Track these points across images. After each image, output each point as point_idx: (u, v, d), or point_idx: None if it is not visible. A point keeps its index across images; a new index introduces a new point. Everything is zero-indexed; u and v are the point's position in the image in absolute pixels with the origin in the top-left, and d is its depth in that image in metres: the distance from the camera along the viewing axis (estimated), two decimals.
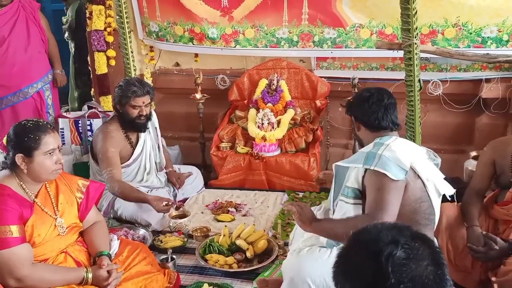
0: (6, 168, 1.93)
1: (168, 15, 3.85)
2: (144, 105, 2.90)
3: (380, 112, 1.98)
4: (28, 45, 3.61)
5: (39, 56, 3.69)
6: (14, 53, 3.56)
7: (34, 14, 3.66)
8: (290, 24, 3.69)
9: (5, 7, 3.52)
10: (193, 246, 2.65)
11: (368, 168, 1.84)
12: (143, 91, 2.87)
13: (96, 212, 2.20)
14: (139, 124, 2.94)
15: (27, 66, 3.61)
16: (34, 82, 3.66)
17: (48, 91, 3.76)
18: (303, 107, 3.86)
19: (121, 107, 2.91)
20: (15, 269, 1.77)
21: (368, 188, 1.86)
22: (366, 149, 1.95)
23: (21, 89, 3.63)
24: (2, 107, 3.62)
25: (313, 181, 2.92)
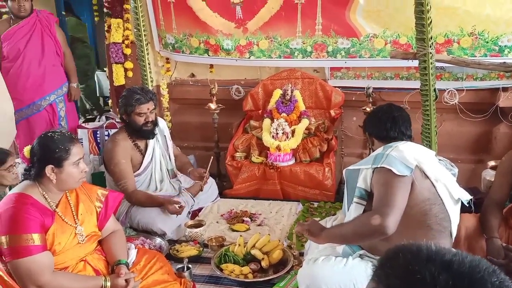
0: (28, 179, 1.98)
1: (184, 27, 3.92)
2: (149, 111, 2.95)
3: (388, 123, 2.08)
4: (42, 58, 3.69)
5: (53, 69, 3.76)
6: (28, 66, 3.64)
7: (50, 28, 3.74)
8: (304, 35, 3.72)
9: (22, 21, 3.61)
10: (208, 255, 2.67)
11: (376, 167, 1.88)
12: (147, 98, 2.93)
13: (114, 221, 2.24)
14: (146, 131, 2.99)
15: (40, 79, 3.68)
16: (47, 95, 3.74)
17: (61, 104, 3.83)
18: (318, 116, 3.87)
19: (127, 116, 2.96)
20: (36, 277, 1.81)
21: (375, 186, 1.91)
22: (376, 152, 2.02)
23: (34, 102, 3.71)
24: (18, 119, 3.68)
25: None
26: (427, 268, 0.71)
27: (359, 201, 1.97)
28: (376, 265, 0.78)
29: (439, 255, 0.74)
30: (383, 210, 1.78)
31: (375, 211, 1.82)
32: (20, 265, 1.79)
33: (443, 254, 0.74)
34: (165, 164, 3.19)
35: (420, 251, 0.75)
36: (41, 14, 3.72)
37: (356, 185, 1.99)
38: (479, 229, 2.28)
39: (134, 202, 2.92)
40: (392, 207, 1.78)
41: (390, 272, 0.74)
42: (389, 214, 1.77)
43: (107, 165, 2.99)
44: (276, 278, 2.43)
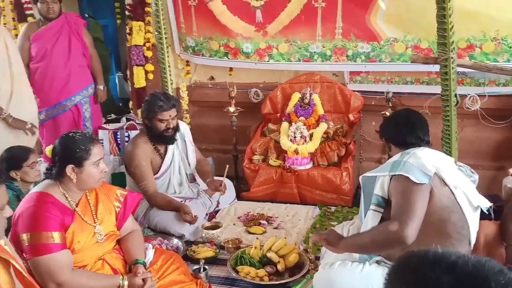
0: (49, 178, 2.02)
1: (204, 30, 3.96)
2: (171, 118, 2.97)
3: (405, 129, 2.06)
4: (69, 59, 3.75)
5: (79, 71, 3.82)
6: (55, 67, 3.71)
7: (78, 30, 3.80)
8: (324, 39, 3.71)
9: (50, 23, 3.68)
10: (224, 257, 2.68)
11: (394, 174, 1.86)
12: (169, 105, 2.94)
13: (132, 221, 2.27)
14: (167, 137, 3.02)
15: (66, 80, 3.75)
16: (72, 96, 3.80)
17: (86, 105, 3.88)
18: (336, 120, 3.86)
19: (149, 121, 2.99)
20: (56, 274, 1.84)
21: (393, 194, 1.88)
22: (393, 158, 2.00)
23: (60, 102, 3.78)
24: (44, 119, 3.77)
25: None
26: (433, 271, 0.73)
27: (376, 209, 1.95)
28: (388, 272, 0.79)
29: (444, 257, 0.76)
30: (402, 219, 1.76)
31: (393, 221, 1.79)
32: (40, 262, 1.83)
33: (448, 256, 0.76)
34: (184, 169, 3.21)
35: (427, 255, 0.77)
36: (69, 16, 3.79)
37: (373, 192, 1.97)
38: (499, 237, 2.24)
39: (153, 204, 2.97)
40: (411, 216, 1.76)
41: (400, 277, 0.75)
42: (408, 223, 1.74)
43: (128, 167, 3.04)
44: (292, 281, 2.43)
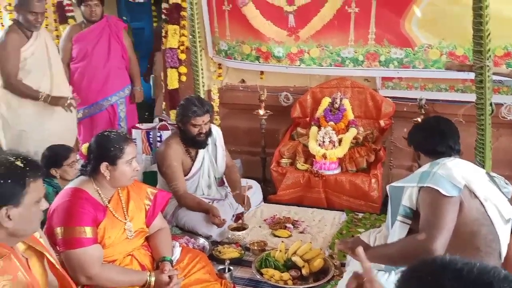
0: (84, 175, 2.11)
1: (237, 34, 4.01)
2: (204, 123, 3.02)
3: (436, 137, 2.01)
4: (108, 61, 3.86)
5: (117, 72, 3.93)
6: (94, 68, 3.83)
7: (118, 33, 3.91)
8: (356, 44, 3.70)
9: (92, 25, 3.81)
10: (249, 259, 2.71)
11: (422, 186, 1.83)
12: (203, 111, 2.99)
13: (161, 219, 2.33)
14: (199, 142, 3.07)
15: (104, 80, 3.86)
16: (109, 96, 3.91)
17: (122, 105, 3.99)
18: (366, 126, 3.82)
19: (182, 125, 3.04)
20: (86, 268, 1.91)
21: (422, 206, 1.85)
22: (422, 169, 1.96)
23: (97, 102, 3.89)
24: (82, 117, 3.90)
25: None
26: (438, 278, 0.75)
27: (404, 220, 1.91)
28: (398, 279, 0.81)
29: (451, 264, 0.77)
30: (431, 233, 1.72)
31: (422, 234, 1.76)
32: (72, 256, 1.90)
33: (455, 263, 0.77)
34: (213, 172, 3.25)
35: (434, 263, 0.78)
36: (110, 19, 3.91)
37: (401, 203, 1.94)
38: None
39: (182, 204, 3.03)
40: (440, 230, 1.72)
41: (407, 285, 0.76)
42: (437, 237, 1.71)
43: (160, 167, 3.11)
44: (316, 286, 2.43)
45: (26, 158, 1.41)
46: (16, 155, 1.40)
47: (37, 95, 3.26)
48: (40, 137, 3.23)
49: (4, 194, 1.32)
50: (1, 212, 1.32)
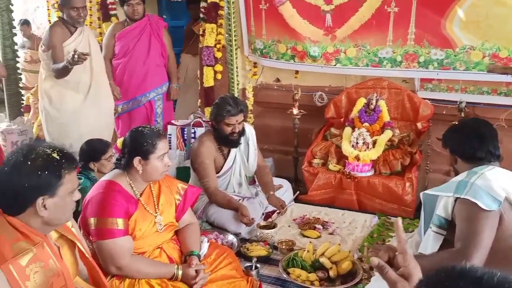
0: (118, 168, 2.18)
1: (273, 33, 4.02)
2: (237, 123, 3.04)
3: (475, 142, 1.89)
4: (147, 58, 3.97)
5: (156, 69, 4.03)
6: (134, 65, 3.95)
7: (158, 31, 4.01)
8: (395, 44, 3.62)
9: (135, 23, 3.93)
10: (277, 257, 2.71)
11: (459, 197, 1.75)
12: (237, 110, 3.01)
13: (191, 214, 2.38)
14: (232, 141, 3.10)
15: (143, 77, 3.97)
16: (147, 92, 4.02)
17: (159, 101, 4.09)
18: (403, 128, 3.74)
19: (216, 123, 3.08)
20: (117, 258, 1.98)
21: (458, 218, 1.77)
22: (459, 177, 1.87)
23: (136, 97, 4.01)
24: (121, 112, 4.03)
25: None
26: (456, 284, 0.73)
27: (438, 231, 1.84)
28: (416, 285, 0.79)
29: (471, 272, 0.75)
30: (468, 251, 1.64)
31: (458, 251, 1.68)
32: (103, 246, 1.97)
33: (475, 271, 0.75)
34: (244, 170, 3.27)
35: (453, 269, 0.76)
36: (152, 18, 4.01)
37: (435, 212, 1.87)
38: None
39: (213, 201, 3.06)
40: (477, 247, 1.64)
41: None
42: (474, 255, 1.63)
43: (192, 163, 3.16)
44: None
45: (62, 151, 1.47)
46: (52, 148, 1.46)
47: (65, 64, 3.21)
48: (78, 131, 3.36)
49: (41, 184, 1.39)
50: (38, 201, 1.39)
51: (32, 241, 1.40)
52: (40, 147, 1.45)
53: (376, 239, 2.95)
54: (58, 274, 1.43)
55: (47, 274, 1.39)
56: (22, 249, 1.36)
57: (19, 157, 1.40)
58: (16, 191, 1.38)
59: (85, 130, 3.34)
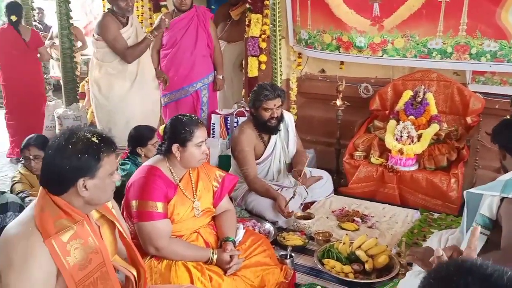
0: (160, 154, 2.27)
1: (318, 23, 3.98)
2: (276, 107, 3.07)
3: None
4: (194, 48, 4.04)
5: (202, 60, 4.10)
6: (182, 55, 4.04)
7: (205, 22, 4.08)
8: (445, 35, 3.48)
9: (182, 14, 4.02)
10: (312, 248, 2.73)
11: (506, 196, 1.68)
12: (274, 95, 3.05)
13: (228, 201, 2.44)
14: (271, 127, 3.13)
15: (190, 67, 4.06)
16: (194, 82, 4.10)
17: (205, 91, 4.17)
18: (451, 122, 3.61)
19: (255, 110, 3.12)
20: (155, 240, 2.07)
21: (504, 219, 1.70)
22: (506, 176, 1.80)
23: (183, 87, 4.11)
24: (168, 101, 4.16)
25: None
26: (464, 279, 0.72)
27: (482, 231, 1.77)
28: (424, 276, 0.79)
29: (481, 268, 0.74)
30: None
31: (503, 252, 1.62)
32: (143, 227, 2.07)
33: (485, 268, 0.74)
34: (284, 157, 3.30)
35: (463, 264, 0.75)
36: (199, 9, 4.09)
37: (479, 211, 1.81)
38: None
39: (252, 188, 3.11)
40: None
41: (432, 282, 0.74)
42: None
43: (233, 151, 3.23)
44: (378, 283, 2.39)
45: (101, 135, 1.55)
46: (92, 132, 1.54)
47: (148, 39, 3.58)
48: (125, 118, 3.52)
49: (82, 167, 1.47)
50: (79, 183, 1.48)
51: (73, 219, 1.49)
52: (81, 132, 1.52)
53: (417, 235, 2.88)
54: (96, 251, 1.52)
55: (86, 250, 1.49)
56: (64, 226, 1.46)
57: (62, 141, 1.49)
58: (59, 172, 1.47)
59: (131, 117, 3.49)
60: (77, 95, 5.09)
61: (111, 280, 1.58)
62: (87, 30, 7.95)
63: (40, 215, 1.45)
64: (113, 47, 3.48)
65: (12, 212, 2.27)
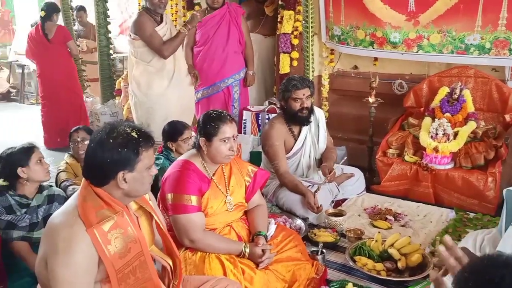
0: (194, 148, 2.32)
1: (352, 19, 3.94)
2: (305, 97, 3.07)
3: None
4: (226, 45, 4.09)
5: (234, 56, 4.15)
6: (214, 52, 4.09)
7: (237, 19, 4.12)
8: (484, 30, 3.38)
9: (214, 12, 4.07)
10: (344, 245, 2.72)
11: None
12: (303, 84, 3.06)
13: (259, 196, 2.46)
14: (301, 118, 3.12)
15: (222, 63, 4.11)
16: (226, 78, 4.15)
17: (236, 87, 4.21)
18: (488, 120, 3.51)
19: (284, 102, 3.13)
20: (190, 232, 2.12)
21: None
22: None
23: (215, 83, 4.16)
24: (200, 97, 4.22)
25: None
26: (499, 271, 0.73)
27: None
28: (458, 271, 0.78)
29: None
30: None
31: None
32: (178, 220, 2.12)
33: None
34: (313, 153, 3.30)
35: (499, 257, 0.75)
36: (231, 6, 4.13)
37: None
38: None
39: (282, 182, 3.12)
40: None
41: (466, 276, 0.74)
42: None
43: (263, 146, 3.25)
44: (411, 281, 2.36)
45: (140, 130, 1.60)
46: (132, 127, 1.59)
47: (182, 33, 3.63)
48: (163, 114, 3.59)
49: (121, 160, 1.53)
50: (119, 175, 1.53)
51: (114, 209, 1.55)
52: (121, 126, 1.58)
53: (451, 234, 2.82)
54: (135, 241, 1.57)
55: (125, 240, 1.54)
56: (105, 216, 1.52)
57: (103, 135, 1.55)
58: (100, 165, 1.53)
59: (169, 113, 3.57)
60: (113, 92, 5.24)
61: (149, 269, 1.63)
62: (122, 28, 8.16)
63: (83, 205, 1.51)
64: (149, 44, 3.56)
65: (58, 203, 2.38)
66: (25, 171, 2.30)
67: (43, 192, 2.41)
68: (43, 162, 2.40)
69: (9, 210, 2.28)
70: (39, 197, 2.39)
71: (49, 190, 2.46)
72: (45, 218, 2.26)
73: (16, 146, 2.40)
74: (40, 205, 2.36)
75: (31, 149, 2.37)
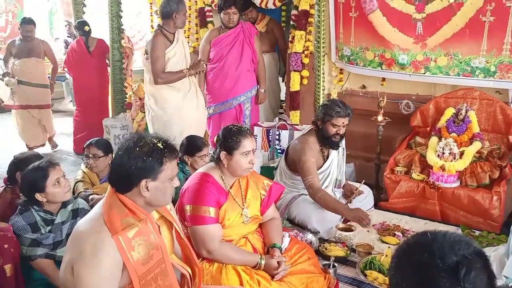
0: (213, 161, 2.40)
1: (361, 40, 4.07)
2: (343, 125, 3.11)
3: None
4: (239, 63, 4.18)
5: (247, 74, 4.23)
6: (227, 70, 4.18)
7: (250, 38, 4.21)
8: (489, 54, 3.51)
9: (229, 31, 4.16)
10: (354, 259, 2.78)
11: None
12: (345, 113, 3.08)
13: (274, 210, 2.54)
14: (333, 142, 3.16)
15: (235, 81, 4.19)
16: (238, 95, 4.22)
17: (248, 104, 4.29)
18: (493, 141, 3.60)
19: (322, 123, 3.15)
20: (207, 243, 2.19)
21: None
22: None
23: (227, 100, 4.24)
24: (212, 113, 4.30)
25: None
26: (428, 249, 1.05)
27: None
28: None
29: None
30: None
31: None
32: (196, 231, 2.19)
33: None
34: (336, 174, 3.34)
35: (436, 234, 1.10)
36: (245, 26, 4.22)
37: None
38: None
39: (317, 199, 3.04)
40: None
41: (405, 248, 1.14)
42: None
43: (297, 161, 3.18)
44: None
45: (166, 142, 1.68)
46: (158, 138, 1.67)
47: (183, 74, 3.74)
48: (179, 127, 3.69)
49: (146, 168, 1.60)
50: (142, 183, 1.60)
51: (138, 217, 1.62)
52: (149, 137, 1.66)
53: None
54: (157, 248, 1.63)
55: (148, 247, 1.61)
56: (129, 224, 1.58)
57: (131, 143, 1.63)
58: (125, 172, 1.60)
59: (185, 126, 3.67)
60: (124, 105, 5.34)
61: (169, 276, 1.70)
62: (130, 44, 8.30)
63: (109, 212, 1.58)
64: (152, 64, 3.67)
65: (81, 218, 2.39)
66: (43, 195, 2.24)
67: (67, 206, 2.37)
68: (61, 181, 2.28)
69: (34, 227, 2.24)
70: (63, 212, 2.34)
71: (74, 203, 2.42)
72: (68, 235, 2.20)
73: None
74: (64, 222, 2.33)
75: (47, 170, 2.24)
